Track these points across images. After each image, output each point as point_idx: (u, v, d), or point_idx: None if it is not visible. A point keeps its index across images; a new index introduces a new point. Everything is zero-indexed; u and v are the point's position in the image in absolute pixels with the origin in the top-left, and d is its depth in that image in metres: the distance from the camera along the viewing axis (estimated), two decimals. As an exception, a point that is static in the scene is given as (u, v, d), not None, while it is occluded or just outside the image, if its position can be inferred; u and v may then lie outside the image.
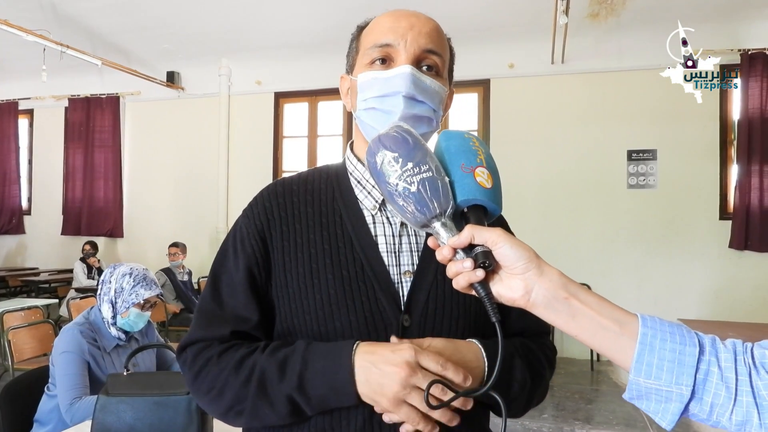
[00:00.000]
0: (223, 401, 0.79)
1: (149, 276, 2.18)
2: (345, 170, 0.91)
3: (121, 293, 2.10)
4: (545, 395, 0.92)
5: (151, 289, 2.14)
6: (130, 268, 2.16)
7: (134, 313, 2.10)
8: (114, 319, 2.10)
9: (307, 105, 6.71)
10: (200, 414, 1.57)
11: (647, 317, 0.64)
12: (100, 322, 2.11)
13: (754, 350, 0.64)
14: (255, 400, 0.76)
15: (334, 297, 0.79)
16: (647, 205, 5.56)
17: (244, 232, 0.86)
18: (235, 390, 0.78)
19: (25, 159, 7.77)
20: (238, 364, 0.78)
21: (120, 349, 2.13)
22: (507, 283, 0.67)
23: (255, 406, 0.77)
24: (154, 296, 2.15)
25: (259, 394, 0.76)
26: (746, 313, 5.11)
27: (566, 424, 3.75)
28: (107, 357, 2.07)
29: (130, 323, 2.11)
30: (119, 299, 2.09)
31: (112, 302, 2.10)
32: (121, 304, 2.09)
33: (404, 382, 0.69)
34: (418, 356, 0.70)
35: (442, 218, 0.69)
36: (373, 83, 0.84)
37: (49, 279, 6.62)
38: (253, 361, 0.78)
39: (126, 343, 2.15)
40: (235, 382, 0.77)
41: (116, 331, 2.11)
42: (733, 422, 0.61)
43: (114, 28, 5.82)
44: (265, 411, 0.77)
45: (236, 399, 0.78)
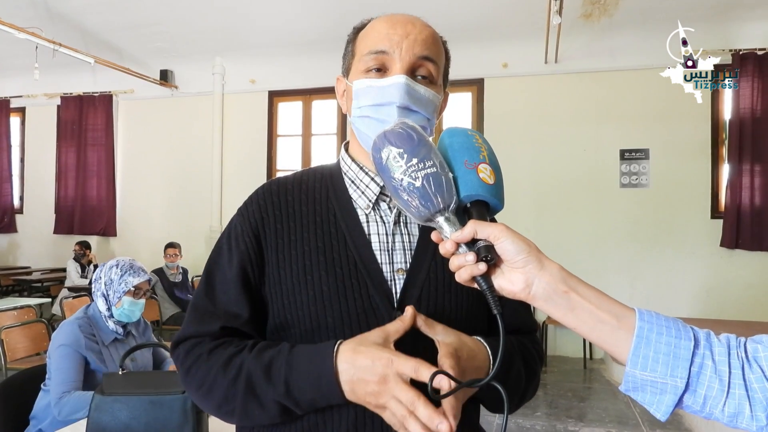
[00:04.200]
0: (213, 399, 0.80)
1: (136, 264, 2.23)
2: (339, 170, 0.92)
3: (111, 284, 2.14)
4: (536, 391, 0.94)
5: (139, 276, 2.18)
6: (116, 260, 2.21)
7: (127, 301, 2.13)
8: (110, 311, 2.14)
9: (301, 104, 6.70)
10: (195, 413, 1.57)
11: (644, 311, 0.66)
12: (98, 317, 2.14)
13: (747, 345, 0.65)
14: (245, 400, 0.77)
15: (326, 293, 0.80)
16: (640, 205, 5.60)
17: (238, 229, 0.87)
18: (223, 389, 0.78)
19: (17, 157, 7.71)
20: (226, 363, 0.79)
21: (118, 343, 2.16)
22: (508, 277, 0.68)
23: (245, 407, 0.77)
24: (143, 282, 2.19)
25: (248, 395, 0.77)
26: (737, 311, 5.17)
27: (559, 421, 3.77)
28: (105, 351, 2.09)
29: (126, 312, 2.14)
30: (110, 291, 2.13)
31: (104, 295, 2.13)
32: (113, 295, 2.13)
33: (381, 392, 0.69)
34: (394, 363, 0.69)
35: (445, 213, 0.71)
36: (368, 91, 0.85)
37: (41, 278, 6.58)
38: (240, 361, 0.78)
39: (123, 338, 2.18)
40: (223, 381, 0.78)
41: (114, 325, 2.14)
42: (726, 414, 0.62)
43: (107, 25, 5.80)
44: (255, 411, 0.77)
45: (224, 398, 0.79)
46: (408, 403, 0.67)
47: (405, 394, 0.68)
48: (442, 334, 0.77)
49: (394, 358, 0.70)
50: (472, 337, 0.81)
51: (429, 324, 0.77)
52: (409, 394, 0.67)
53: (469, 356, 0.76)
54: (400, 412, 0.68)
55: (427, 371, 0.67)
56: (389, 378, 0.69)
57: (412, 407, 0.67)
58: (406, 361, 0.69)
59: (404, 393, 0.68)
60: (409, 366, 0.68)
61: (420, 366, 0.68)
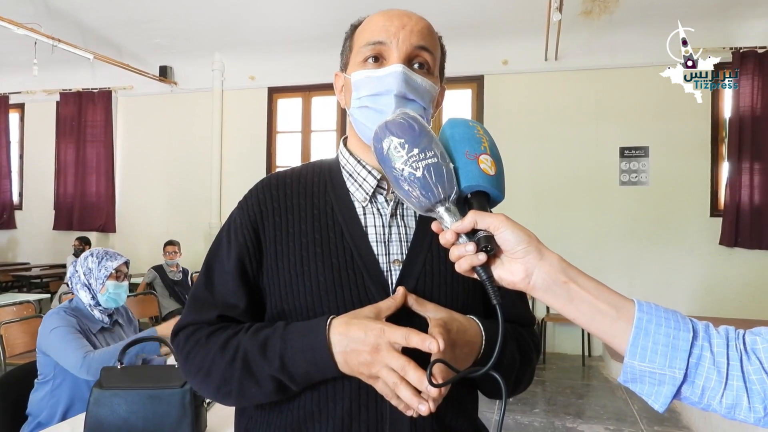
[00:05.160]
0: (212, 381, 0.82)
1: (110, 251, 2.25)
2: (338, 164, 0.94)
3: (91, 273, 2.15)
4: (531, 381, 0.95)
5: (116, 259, 2.21)
6: (89, 251, 2.23)
7: (111, 285, 2.15)
8: (95, 299, 2.14)
9: (300, 100, 6.70)
10: (194, 407, 1.58)
11: (643, 303, 0.66)
12: (82, 307, 2.15)
13: (746, 337, 0.65)
14: (241, 379, 0.79)
15: (323, 284, 0.81)
16: (639, 202, 5.60)
17: (237, 222, 0.89)
18: (221, 370, 0.80)
19: (16, 154, 7.70)
20: (223, 345, 0.81)
21: (105, 332, 2.17)
22: (508, 267, 0.68)
23: (242, 386, 0.79)
24: (122, 264, 2.22)
25: (244, 374, 0.79)
26: (735, 309, 5.18)
27: (557, 418, 3.78)
28: (94, 339, 2.10)
29: (112, 296, 2.15)
30: (91, 279, 2.14)
31: (86, 285, 2.14)
32: (95, 282, 2.14)
33: (373, 362, 0.71)
34: (386, 333, 0.72)
35: (446, 203, 0.71)
36: (366, 82, 0.86)
37: (40, 274, 6.57)
38: (237, 342, 0.80)
39: (110, 327, 2.19)
40: (221, 362, 0.80)
41: (99, 314, 2.15)
42: (724, 405, 0.63)
43: (106, 21, 5.78)
44: (251, 389, 0.79)
45: (223, 379, 0.81)
46: (399, 369, 0.70)
47: (396, 361, 0.70)
48: (433, 311, 0.79)
49: (385, 328, 0.72)
50: (466, 315, 0.82)
51: (420, 302, 0.79)
52: (400, 360, 0.70)
53: (460, 330, 0.77)
54: (391, 379, 0.70)
55: (417, 338, 0.70)
56: (381, 347, 0.71)
57: (402, 372, 0.70)
58: (397, 329, 0.72)
59: (395, 359, 0.70)
60: (400, 333, 0.71)
61: (410, 333, 0.71)
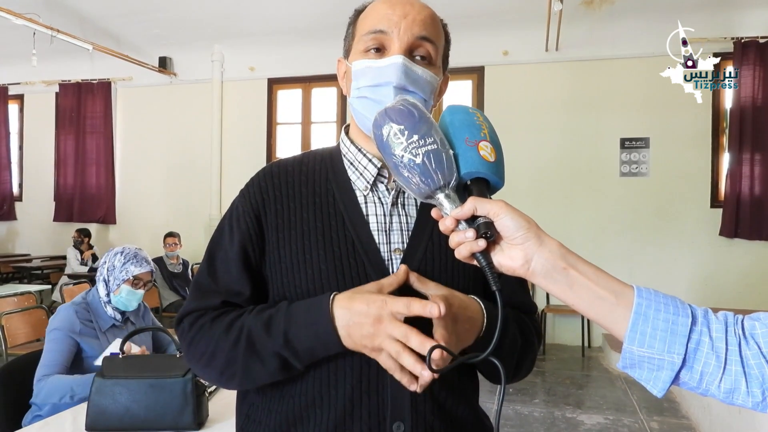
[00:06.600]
0: (216, 364, 0.82)
1: (141, 254, 2.20)
2: (339, 152, 0.93)
3: (113, 271, 2.13)
4: (531, 368, 0.95)
5: (142, 266, 2.16)
6: (123, 248, 2.20)
7: (125, 290, 2.12)
8: (108, 297, 2.13)
9: (300, 91, 6.67)
10: (195, 396, 1.58)
11: (642, 288, 0.66)
12: (97, 302, 2.14)
13: (745, 322, 0.65)
14: (246, 359, 0.79)
15: (324, 272, 0.82)
16: (639, 193, 5.60)
17: (240, 210, 0.89)
18: (226, 351, 0.81)
19: (16, 145, 7.69)
20: (228, 327, 0.81)
21: (116, 329, 2.16)
22: (507, 253, 0.68)
23: (246, 365, 0.80)
24: (145, 273, 2.17)
25: (248, 353, 0.79)
26: (735, 299, 5.19)
27: (557, 408, 3.80)
28: (103, 337, 2.09)
29: (123, 301, 2.13)
30: (111, 277, 2.12)
31: (105, 281, 2.13)
32: (113, 281, 2.12)
33: (376, 333, 0.72)
34: (388, 304, 0.72)
35: (445, 190, 0.71)
36: (366, 71, 0.86)
37: (41, 265, 6.59)
38: (241, 323, 0.81)
39: (121, 324, 2.18)
40: (225, 344, 0.81)
41: (112, 311, 2.14)
42: (722, 390, 0.63)
43: (105, 12, 5.74)
44: (256, 368, 0.80)
45: (227, 360, 0.81)
46: (401, 336, 0.71)
47: (398, 329, 0.71)
48: (435, 289, 0.79)
49: (387, 299, 0.73)
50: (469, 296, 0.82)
51: (421, 281, 0.80)
52: (402, 328, 0.71)
53: (461, 306, 0.78)
54: (394, 348, 0.71)
55: (418, 305, 0.71)
56: (384, 318, 0.72)
57: (405, 339, 0.70)
58: (398, 299, 0.72)
59: (398, 328, 0.71)
60: (402, 303, 0.72)
61: (412, 302, 0.71)
